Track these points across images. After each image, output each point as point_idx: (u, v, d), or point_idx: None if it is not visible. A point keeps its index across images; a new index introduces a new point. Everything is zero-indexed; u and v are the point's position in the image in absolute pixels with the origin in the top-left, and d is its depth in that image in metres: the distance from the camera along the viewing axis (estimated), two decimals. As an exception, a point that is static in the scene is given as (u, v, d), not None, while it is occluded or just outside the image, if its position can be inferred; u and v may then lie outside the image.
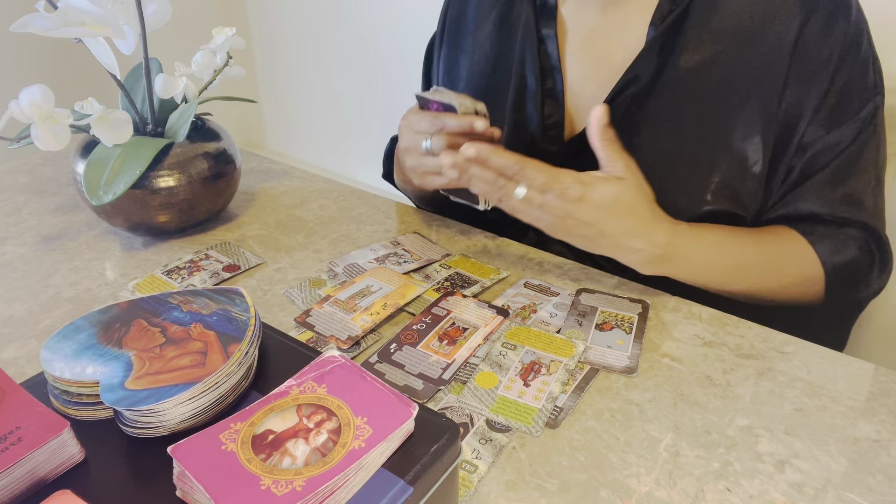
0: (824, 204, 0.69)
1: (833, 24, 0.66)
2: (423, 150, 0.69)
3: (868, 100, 0.68)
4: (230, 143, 0.80)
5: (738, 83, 0.68)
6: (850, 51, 0.66)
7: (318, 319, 0.63)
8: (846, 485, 0.47)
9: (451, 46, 0.87)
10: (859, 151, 0.68)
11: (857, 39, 0.67)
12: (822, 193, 0.69)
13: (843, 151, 0.68)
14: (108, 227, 0.82)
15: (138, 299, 0.47)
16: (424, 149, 0.69)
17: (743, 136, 0.68)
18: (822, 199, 0.69)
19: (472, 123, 0.66)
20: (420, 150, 0.69)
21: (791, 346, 0.61)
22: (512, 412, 0.52)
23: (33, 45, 1.76)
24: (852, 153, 0.68)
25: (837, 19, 0.66)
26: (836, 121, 0.67)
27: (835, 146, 0.68)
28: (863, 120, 0.67)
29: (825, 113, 0.67)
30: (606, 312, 0.65)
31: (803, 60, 0.66)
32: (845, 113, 0.67)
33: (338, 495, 0.35)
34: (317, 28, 2.04)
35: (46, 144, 0.67)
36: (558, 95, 0.77)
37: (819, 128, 0.67)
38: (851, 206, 0.69)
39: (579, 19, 0.76)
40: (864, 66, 0.67)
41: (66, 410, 0.41)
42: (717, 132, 0.69)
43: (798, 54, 0.66)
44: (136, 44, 0.71)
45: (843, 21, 0.66)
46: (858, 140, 0.68)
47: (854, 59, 0.66)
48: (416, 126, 0.70)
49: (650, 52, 0.70)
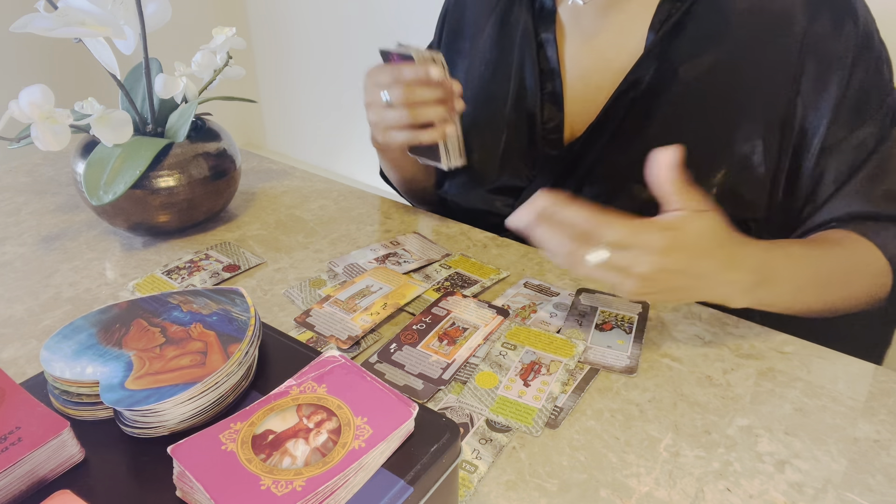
0: (868, 203, 0.68)
1: (842, 24, 0.66)
2: (384, 103, 0.70)
3: (886, 96, 0.68)
4: (230, 143, 0.80)
5: (739, 87, 0.68)
6: (864, 49, 0.66)
7: (318, 319, 0.63)
8: (846, 485, 0.47)
9: (449, 51, 0.87)
10: (890, 147, 0.68)
11: (869, 38, 0.67)
12: (864, 194, 0.68)
13: (876, 150, 0.67)
14: (108, 227, 0.82)
15: (138, 299, 0.47)
16: (384, 101, 0.70)
17: (744, 139, 0.68)
18: (865, 199, 0.68)
19: (427, 72, 0.67)
20: (381, 103, 0.71)
21: (791, 346, 0.61)
22: (512, 412, 0.52)
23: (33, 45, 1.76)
24: (885, 150, 0.68)
25: (845, 20, 0.66)
26: (858, 121, 0.67)
27: (862, 145, 0.67)
28: (884, 115, 0.67)
29: (846, 113, 0.67)
30: (606, 312, 0.65)
31: (815, 61, 0.66)
32: (867, 111, 0.67)
33: (338, 495, 0.35)
34: (317, 28, 2.04)
35: (46, 144, 0.67)
36: (558, 99, 0.77)
37: (842, 129, 0.67)
38: (890, 202, 0.68)
39: (578, 23, 0.76)
40: (878, 63, 0.67)
41: (66, 410, 0.41)
42: (719, 136, 0.69)
43: (808, 55, 0.66)
44: (136, 44, 0.71)
45: (852, 21, 0.66)
46: (885, 137, 0.68)
47: (868, 57, 0.66)
48: (375, 79, 0.71)
49: (650, 57, 0.70)
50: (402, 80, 0.69)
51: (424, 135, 0.72)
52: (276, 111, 2.33)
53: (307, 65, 2.12)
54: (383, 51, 0.72)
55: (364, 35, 1.93)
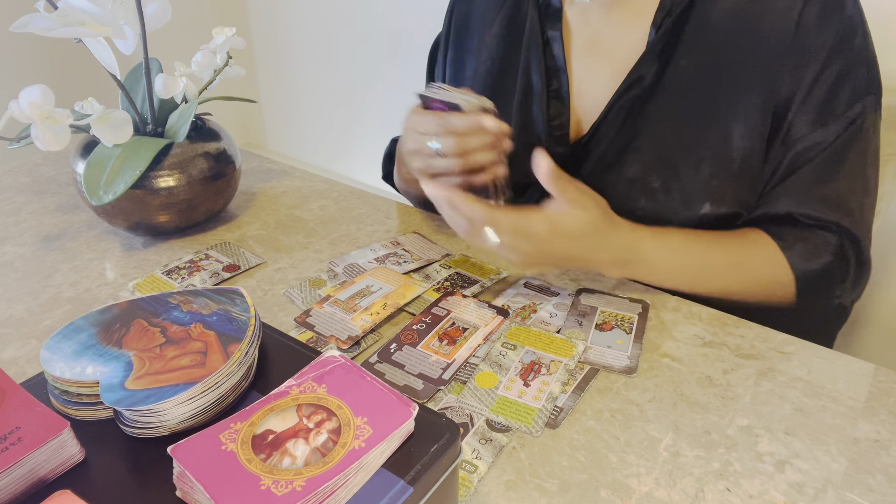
0: (801, 204, 0.67)
1: (828, 14, 0.65)
2: (432, 152, 0.67)
3: (857, 100, 0.66)
4: (230, 143, 0.80)
5: (738, 81, 0.68)
6: (843, 44, 0.65)
7: (318, 319, 0.63)
8: (846, 485, 0.47)
9: (456, 48, 0.87)
10: (843, 152, 0.67)
11: (850, 34, 0.66)
12: (801, 192, 0.67)
13: (825, 150, 0.67)
14: (108, 227, 0.82)
15: (138, 299, 0.47)
16: (433, 150, 0.66)
17: (743, 134, 0.68)
18: (800, 198, 0.67)
19: (480, 122, 0.64)
20: (428, 151, 0.67)
21: (791, 346, 0.61)
22: (512, 412, 0.52)
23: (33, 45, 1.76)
24: (835, 153, 0.67)
25: (831, 15, 0.65)
26: (821, 118, 0.66)
27: (817, 144, 0.67)
28: (849, 119, 0.66)
29: (812, 107, 0.66)
30: (606, 312, 0.65)
31: (799, 47, 0.66)
32: (832, 110, 0.66)
33: (338, 495, 0.35)
34: (317, 28, 2.04)
35: (46, 144, 0.67)
36: (564, 97, 0.77)
37: (805, 123, 0.67)
38: (830, 208, 0.67)
39: (584, 21, 0.76)
40: (856, 63, 0.66)
41: (66, 410, 0.41)
42: (718, 131, 0.69)
43: (796, 42, 0.66)
44: (136, 44, 0.71)
45: (838, 13, 0.65)
46: (841, 139, 0.66)
47: (846, 53, 0.66)
48: (421, 127, 0.67)
49: (652, 54, 0.70)
50: (452, 130, 0.65)
51: (477, 179, 0.68)
52: (276, 111, 2.33)
53: (307, 65, 2.12)
54: (423, 95, 0.68)
55: (365, 35, 1.93)
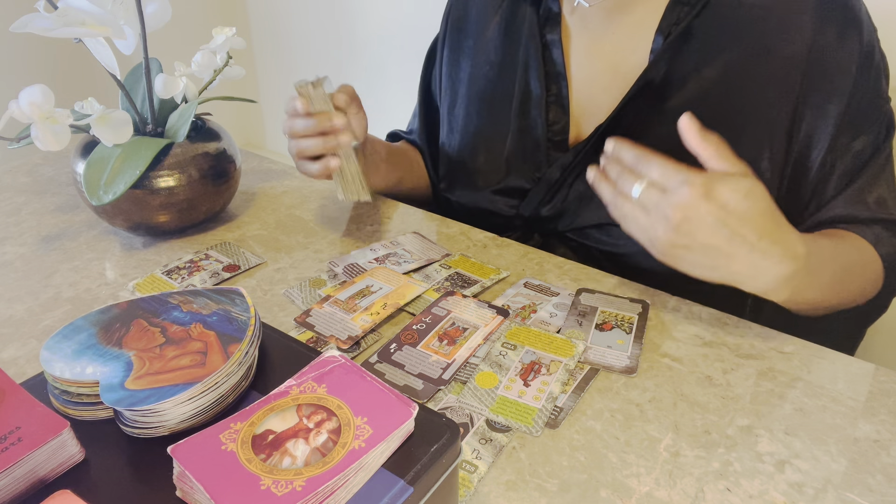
0: (863, 209, 0.70)
1: (847, 37, 0.66)
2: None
3: (883, 106, 0.69)
4: (230, 143, 0.80)
5: (746, 93, 0.68)
6: (867, 63, 0.67)
7: (318, 319, 0.63)
8: (846, 485, 0.47)
9: (452, 49, 0.87)
10: (885, 156, 0.70)
11: (871, 51, 0.68)
12: (859, 198, 0.70)
13: (872, 158, 0.69)
14: (108, 227, 0.82)
15: (138, 299, 0.47)
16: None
17: (752, 145, 0.69)
18: (860, 203, 0.70)
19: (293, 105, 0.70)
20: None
21: (791, 346, 0.61)
22: (512, 412, 0.52)
23: (33, 45, 1.76)
24: (879, 159, 0.70)
25: (851, 33, 0.67)
26: (857, 130, 0.68)
27: (860, 154, 0.69)
28: (879, 128, 0.69)
29: (848, 125, 0.68)
30: (606, 312, 0.65)
31: (821, 72, 0.67)
32: (867, 122, 0.69)
33: (338, 495, 0.35)
34: (317, 28, 2.04)
35: (46, 144, 0.67)
36: (563, 101, 0.77)
37: (845, 136, 0.68)
38: (882, 207, 0.70)
39: (584, 25, 0.76)
40: (878, 74, 0.69)
41: (66, 410, 0.41)
42: (727, 141, 0.69)
43: (813, 66, 0.67)
44: (136, 44, 0.71)
45: (856, 34, 0.67)
46: (883, 146, 0.69)
47: (869, 70, 0.68)
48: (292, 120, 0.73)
49: (660, 61, 0.70)
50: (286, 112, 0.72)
51: (312, 167, 0.73)
52: (276, 111, 2.33)
53: (307, 65, 2.12)
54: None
55: (364, 35, 1.93)
